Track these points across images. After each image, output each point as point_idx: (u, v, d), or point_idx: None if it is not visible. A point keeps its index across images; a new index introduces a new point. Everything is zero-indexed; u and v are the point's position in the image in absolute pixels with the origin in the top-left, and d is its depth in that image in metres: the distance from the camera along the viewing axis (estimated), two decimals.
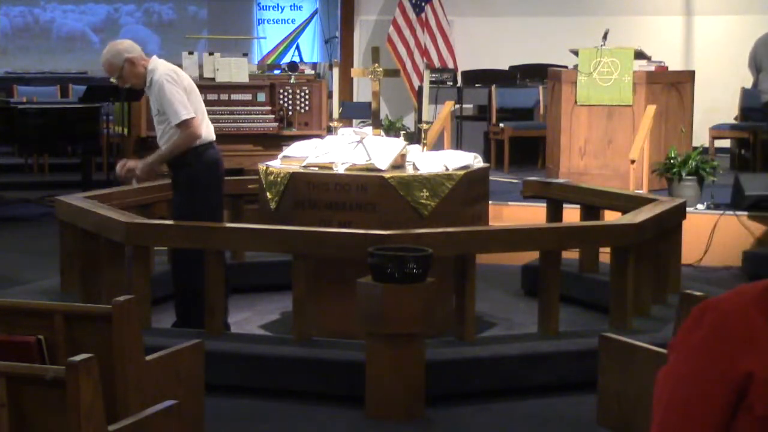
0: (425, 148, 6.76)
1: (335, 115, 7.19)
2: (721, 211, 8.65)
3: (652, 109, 9.44)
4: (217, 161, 6.40)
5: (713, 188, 8.97)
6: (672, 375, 1.82)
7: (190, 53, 10.29)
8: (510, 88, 12.48)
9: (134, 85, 6.37)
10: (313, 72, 11.90)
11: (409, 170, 6.33)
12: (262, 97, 10.05)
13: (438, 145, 8.90)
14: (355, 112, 12.03)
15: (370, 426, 5.32)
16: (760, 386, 1.73)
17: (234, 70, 10.08)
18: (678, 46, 12.91)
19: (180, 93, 6.13)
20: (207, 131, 6.35)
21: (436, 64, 12.79)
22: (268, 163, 6.58)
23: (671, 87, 9.98)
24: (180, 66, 6.82)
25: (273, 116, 9.99)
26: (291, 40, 18.08)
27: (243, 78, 10.13)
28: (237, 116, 9.90)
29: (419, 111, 10.07)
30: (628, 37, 11.45)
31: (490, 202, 7.01)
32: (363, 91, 13.20)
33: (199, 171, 6.27)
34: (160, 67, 6.24)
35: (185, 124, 6.15)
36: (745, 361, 1.74)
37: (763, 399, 1.73)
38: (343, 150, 6.40)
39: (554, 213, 7.63)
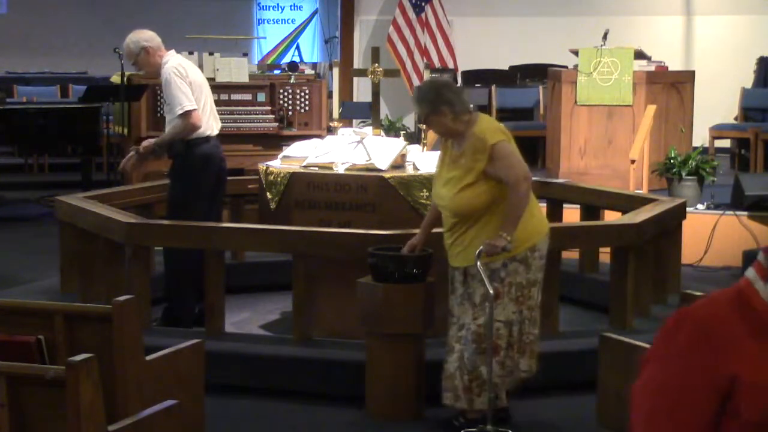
0: (425, 148, 6.76)
1: (335, 115, 7.19)
2: (721, 211, 8.65)
3: (652, 109, 9.44)
4: (210, 156, 6.52)
5: (713, 188, 8.97)
6: (653, 385, 1.80)
7: (190, 53, 10.28)
8: (510, 88, 12.48)
9: (148, 73, 6.66)
10: (313, 72, 11.88)
11: (409, 170, 6.33)
12: (262, 97, 10.04)
13: (438, 145, 8.88)
14: (355, 112, 12.03)
15: (370, 426, 5.32)
16: (747, 391, 1.70)
17: (234, 70, 10.07)
18: (678, 46, 12.90)
19: (185, 85, 6.38)
20: (207, 126, 6.51)
21: (436, 64, 12.78)
22: (268, 163, 6.58)
23: (671, 87, 9.97)
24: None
25: (273, 116, 9.98)
26: (291, 40, 18.06)
27: (243, 78, 10.12)
28: (237, 116, 9.89)
29: None
30: (628, 37, 11.45)
31: None
32: (363, 91, 13.19)
33: (191, 163, 6.46)
34: (171, 60, 6.50)
35: (187, 114, 6.38)
36: (728, 365, 1.72)
37: (750, 404, 1.71)
38: (343, 150, 6.40)
39: (554, 213, 7.63)
